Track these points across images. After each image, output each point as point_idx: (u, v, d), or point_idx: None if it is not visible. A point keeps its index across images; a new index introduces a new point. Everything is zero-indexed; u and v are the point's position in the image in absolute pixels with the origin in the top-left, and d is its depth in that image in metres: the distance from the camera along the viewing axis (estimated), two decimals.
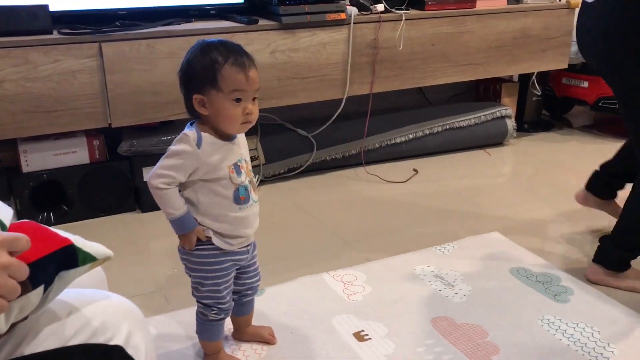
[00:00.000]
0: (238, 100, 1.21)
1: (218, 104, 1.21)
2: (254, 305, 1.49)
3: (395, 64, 2.55)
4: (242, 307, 1.45)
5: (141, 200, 2.27)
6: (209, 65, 1.20)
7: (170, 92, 2.13)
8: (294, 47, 2.33)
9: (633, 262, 1.78)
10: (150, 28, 2.11)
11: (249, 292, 1.43)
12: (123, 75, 2.07)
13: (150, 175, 1.24)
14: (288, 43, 2.31)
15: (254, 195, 1.31)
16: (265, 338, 1.50)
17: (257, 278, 1.43)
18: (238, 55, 1.21)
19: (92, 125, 2.10)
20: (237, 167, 1.27)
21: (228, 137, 1.27)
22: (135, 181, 2.26)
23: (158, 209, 1.25)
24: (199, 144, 1.22)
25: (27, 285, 0.74)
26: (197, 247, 1.28)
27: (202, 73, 1.21)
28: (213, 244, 1.28)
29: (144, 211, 2.27)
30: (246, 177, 1.29)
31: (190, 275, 1.35)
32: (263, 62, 2.26)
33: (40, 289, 0.76)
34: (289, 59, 2.33)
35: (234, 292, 1.39)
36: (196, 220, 1.27)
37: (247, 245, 1.34)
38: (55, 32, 2.04)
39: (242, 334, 1.50)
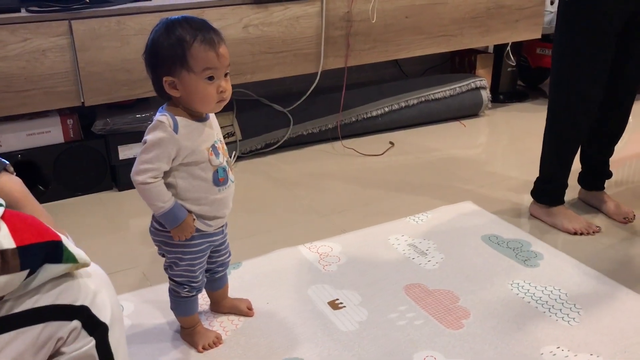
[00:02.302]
0: (211, 78, 1.18)
1: (190, 85, 1.18)
2: (227, 279, 1.51)
3: (369, 37, 2.56)
4: (215, 282, 1.47)
5: (118, 178, 2.28)
6: (176, 44, 1.16)
7: (143, 70, 2.07)
8: (267, 21, 2.32)
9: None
10: (119, 4, 2.09)
11: (220, 268, 1.45)
12: (94, 53, 2.05)
13: (134, 172, 1.20)
14: (261, 17, 2.30)
15: (231, 176, 1.31)
16: (243, 311, 1.52)
17: (227, 255, 1.44)
18: (206, 31, 1.17)
19: (65, 105, 2.09)
20: (214, 149, 1.26)
21: (201, 118, 1.25)
22: (111, 160, 2.26)
23: (135, 187, 1.24)
24: (175, 129, 1.19)
25: (17, 266, 0.77)
26: None
27: (170, 53, 1.16)
28: None
29: (120, 190, 2.27)
30: (223, 158, 1.28)
31: (164, 256, 1.35)
32: (236, 37, 2.25)
33: (25, 273, 0.79)
34: (262, 34, 2.32)
35: (206, 270, 1.41)
36: None
37: (222, 225, 1.36)
38: (23, 10, 2.01)
39: (220, 306, 1.53)
